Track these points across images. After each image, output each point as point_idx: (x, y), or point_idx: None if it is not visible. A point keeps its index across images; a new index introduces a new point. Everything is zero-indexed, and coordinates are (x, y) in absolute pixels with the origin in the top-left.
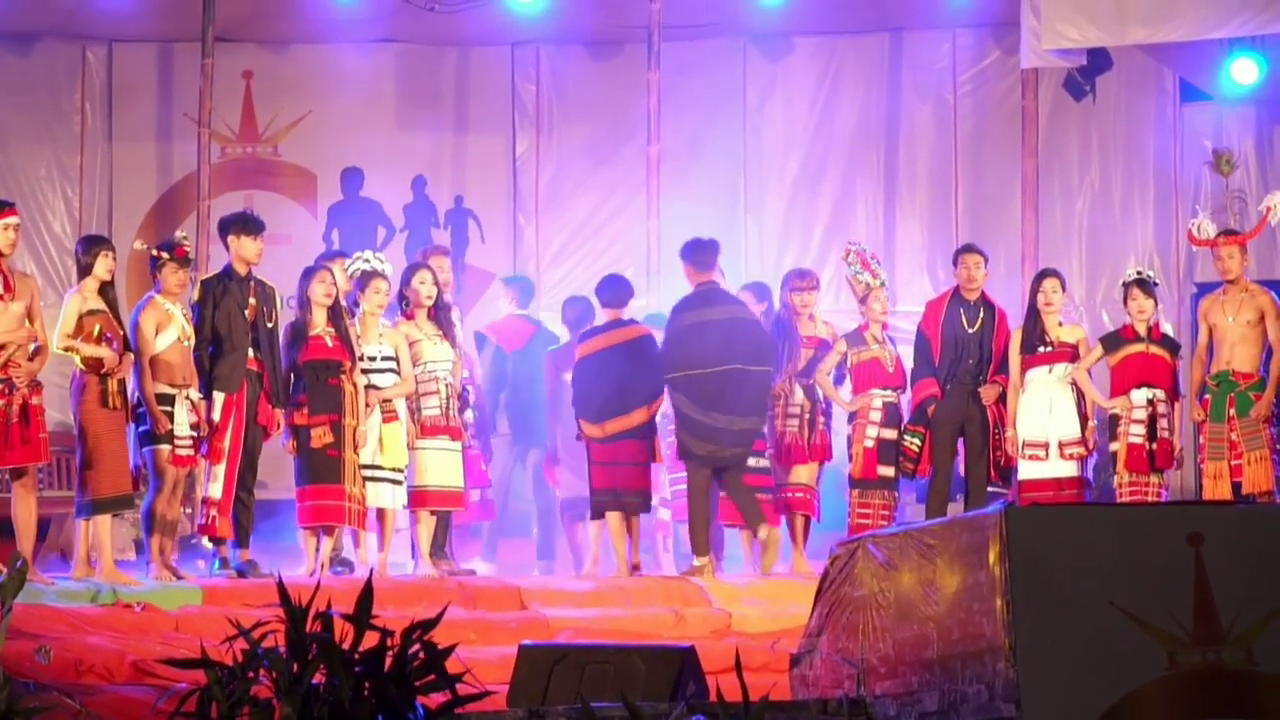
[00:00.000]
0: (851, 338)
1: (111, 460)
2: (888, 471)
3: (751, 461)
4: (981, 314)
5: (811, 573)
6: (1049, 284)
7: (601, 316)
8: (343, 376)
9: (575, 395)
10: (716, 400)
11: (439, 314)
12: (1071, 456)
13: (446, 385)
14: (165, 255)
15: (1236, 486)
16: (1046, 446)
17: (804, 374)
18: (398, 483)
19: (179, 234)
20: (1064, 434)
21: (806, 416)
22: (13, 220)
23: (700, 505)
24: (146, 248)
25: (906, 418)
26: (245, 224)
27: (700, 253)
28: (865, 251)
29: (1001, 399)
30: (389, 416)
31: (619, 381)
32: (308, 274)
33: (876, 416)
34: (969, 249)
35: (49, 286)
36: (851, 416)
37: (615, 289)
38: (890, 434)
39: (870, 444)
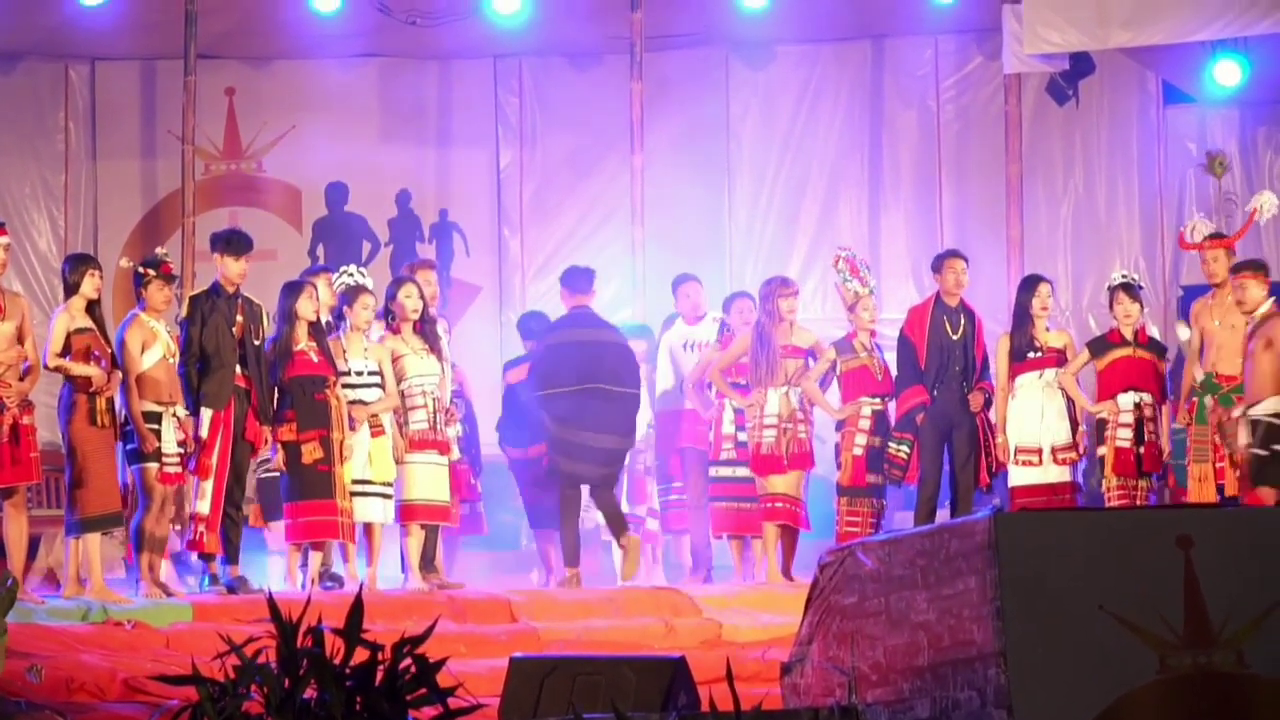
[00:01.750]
0: (840, 346)
1: (100, 479)
2: (876, 479)
3: (726, 471)
4: (963, 320)
5: (799, 581)
6: (1044, 289)
7: (524, 347)
8: (328, 391)
9: (505, 420)
10: (579, 418)
11: (425, 328)
12: (1064, 461)
13: (434, 399)
14: (151, 272)
15: (1221, 489)
16: (1039, 452)
17: (786, 383)
18: (387, 497)
19: (160, 251)
20: (1056, 439)
21: (783, 425)
22: (3, 240)
23: (570, 520)
24: (132, 265)
25: (892, 425)
26: (228, 244)
27: (575, 279)
28: (855, 258)
29: (986, 404)
30: (376, 431)
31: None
32: (289, 289)
33: (865, 425)
34: (954, 254)
35: (35, 305)
36: (839, 424)
37: (537, 323)
38: (879, 442)
39: (859, 452)
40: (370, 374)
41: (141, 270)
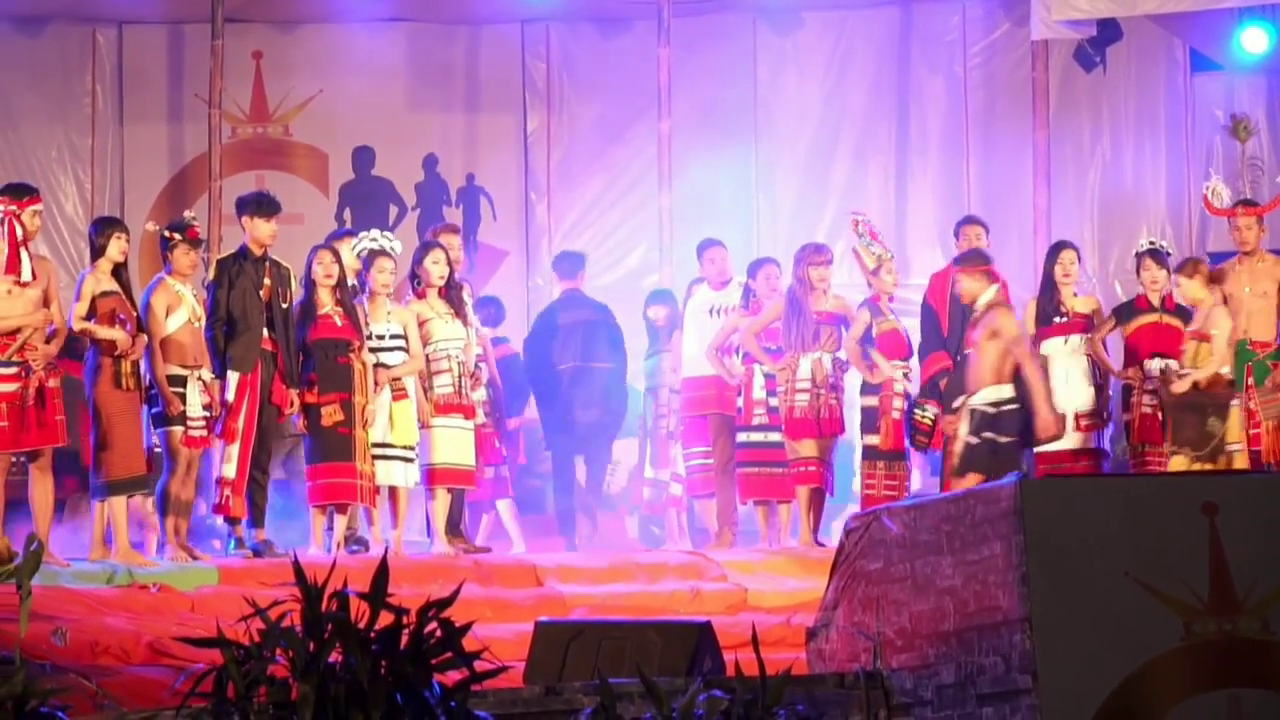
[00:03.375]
0: (872, 308)
1: (125, 442)
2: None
3: (757, 437)
4: None
5: (825, 546)
6: (1067, 255)
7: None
8: (351, 355)
9: None
10: (567, 394)
11: (450, 292)
12: (1088, 428)
13: (459, 364)
14: (177, 236)
15: (1255, 455)
16: (1063, 418)
17: (816, 348)
18: (409, 460)
19: (187, 214)
20: (1080, 405)
21: (816, 390)
22: (39, 207)
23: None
24: (158, 229)
25: (915, 391)
26: (259, 205)
27: (564, 264)
28: (871, 222)
29: None
30: (398, 394)
31: (493, 392)
32: (311, 253)
33: (900, 388)
34: (971, 220)
35: (61, 268)
36: (868, 388)
37: (496, 309)
38: (909, 407)
39: (898, 415)
40: (393, 337)
41: (168, 234)
